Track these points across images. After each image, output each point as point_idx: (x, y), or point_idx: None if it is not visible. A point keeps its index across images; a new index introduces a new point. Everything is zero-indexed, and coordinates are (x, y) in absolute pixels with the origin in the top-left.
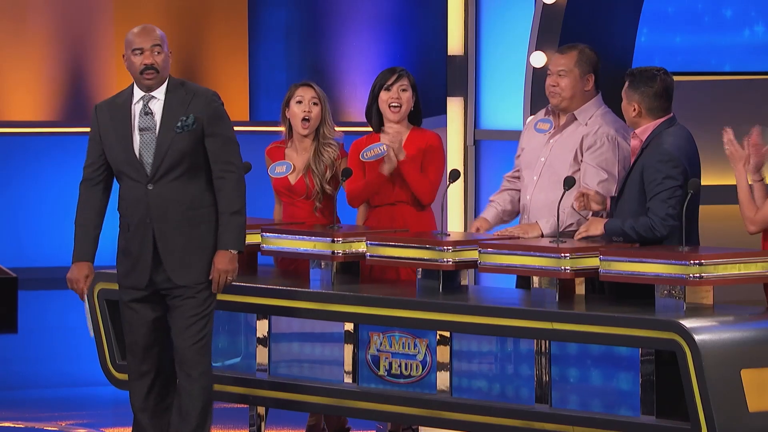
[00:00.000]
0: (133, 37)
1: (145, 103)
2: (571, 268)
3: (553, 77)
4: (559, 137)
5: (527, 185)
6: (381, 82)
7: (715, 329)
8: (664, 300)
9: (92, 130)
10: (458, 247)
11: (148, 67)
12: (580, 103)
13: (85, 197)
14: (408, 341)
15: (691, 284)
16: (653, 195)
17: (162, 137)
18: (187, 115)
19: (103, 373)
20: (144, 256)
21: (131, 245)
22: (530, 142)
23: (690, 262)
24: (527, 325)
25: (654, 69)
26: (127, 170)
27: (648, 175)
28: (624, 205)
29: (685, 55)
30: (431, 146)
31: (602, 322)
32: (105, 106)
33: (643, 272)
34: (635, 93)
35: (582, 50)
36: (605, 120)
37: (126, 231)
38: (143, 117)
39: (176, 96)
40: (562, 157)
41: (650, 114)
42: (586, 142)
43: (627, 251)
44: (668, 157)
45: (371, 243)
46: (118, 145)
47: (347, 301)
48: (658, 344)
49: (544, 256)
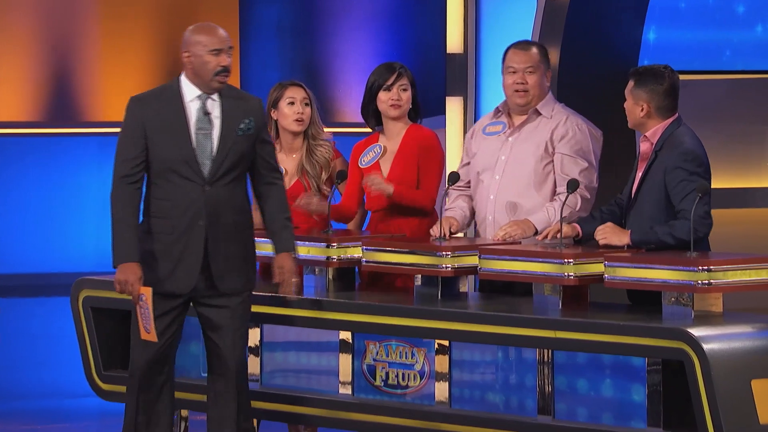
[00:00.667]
0: (208, 36)
1: (203, 103)
2: (575, 275)
3: (519, 75)
4: (519, 135)
5: (488, 186)
6: (380, 81)
7: (724, 338)
8: (672, 307)
9: (132, 124)
10: (457, 253)
11: (225, 69)
12: (541, 99)
13: (126, 194)
14: (405, 350)
15: (699, 291)
16: (684, 195)
17: (224, 139)
18: (249, 118)
19: (89, 383)
20: (190, 260)
21: (173, 248)
22: (482, 146)
23: (698, 268)
24: (529, 333)
25: (660, 67)
26: (182, 169)
27: (674, 177)
28: (641, 212)
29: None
30: (429, 145)
31: (607, 331)
32: (149, 101)
33: (650, 278)
34: (643, 92)
35: (540, 46)
36: (568, 111)
37: (167, 233)
38: (201, 117)
39: (231, 98)
40: (526, 153)
41: (659, 113)
42: (557, 132)
43: (633, 257)
44: (692, 155)
45: (367, 248)
46: (172, 143)
47: (342, 308)
48: (666, 353)
49: (547, 261)
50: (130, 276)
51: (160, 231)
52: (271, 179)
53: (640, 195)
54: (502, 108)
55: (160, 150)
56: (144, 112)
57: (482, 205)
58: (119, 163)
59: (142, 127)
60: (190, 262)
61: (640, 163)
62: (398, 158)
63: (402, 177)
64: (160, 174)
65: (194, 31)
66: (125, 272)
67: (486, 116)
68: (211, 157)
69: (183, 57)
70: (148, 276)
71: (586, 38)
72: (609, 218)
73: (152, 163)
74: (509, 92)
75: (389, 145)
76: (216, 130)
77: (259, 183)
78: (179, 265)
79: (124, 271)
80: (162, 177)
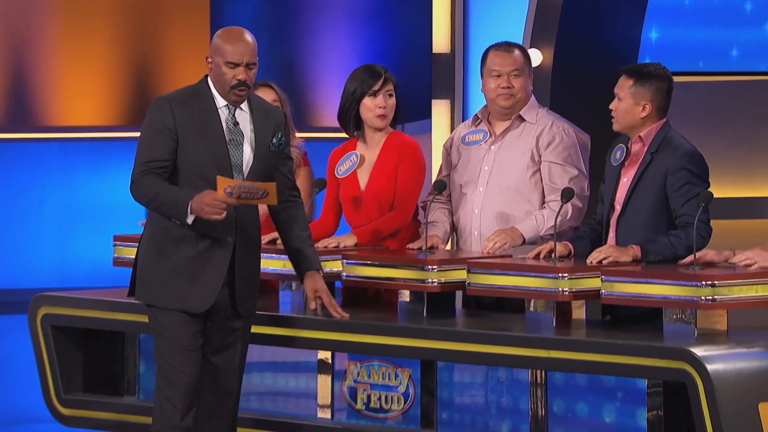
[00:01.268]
0: (229, 46)
1: (231, 113)
2: (569, 290)
3: (504, 78)
4: (502, 143)
5: (471, 199)
6: (364, 87)
7: (729, 358)
8: (673, 325)
9: (161, 124)
10: (444, 267)
11: (242, 84)
12: (524, 104)
13: (151, 178)
14: (389, 371)
15: (702, 308)
16: (687, 200)
17: (257, 152)
18: (279, 133)
19: (47, 408)
20: (211, 277)
21: (194, 264)
22: (462, 157)
23: (702, 283)
24: (521, 353)
25: (656, 65)
26: (213, 179)
27: (678, 178)
28: (633, 220)
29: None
30: (410, 155)
31: (604, 350)
32: (180, 103)
33: (650, 294)
34: (647, 91)
35: (522, 48)
36: (553, 116)
37: (189, 245)
38: (232, 127)
39: (258, 110)
40: (511, 161)
41: (658, 114)
42: (543, 139)
43: (632, 271)
44: (697, 157)
45: (347, 262)
46: (207, 150)
47: (321, 326)
48: (667, 374)
49: (540, 276)
50: (204, 198)
51: (180, 245)
52: (293, 197)
53: (633, 200)
54: (482, 115)
55: (192, 154)
56: (176, 112)
57: (466, 219)
58: (142, 164)
59: (173, 128)
60: (211, 279)
61: (627, 166)
62: (377, 168)
63: (380, 188)
64: (188, 180)
65: (220, 36)
66: (199, 203)
67: (463, 125)
68: (242, 169)
69: (206, 60)
70: (159, 291)
71: (581, 37)
72: (594, 237)
73: (181, 167)
74: (492, 96)
75: (367, 153)
76: (247, 143)
77: (280, 200)
78: (197, 281)
79: (198, 204)
80: (190, 183)
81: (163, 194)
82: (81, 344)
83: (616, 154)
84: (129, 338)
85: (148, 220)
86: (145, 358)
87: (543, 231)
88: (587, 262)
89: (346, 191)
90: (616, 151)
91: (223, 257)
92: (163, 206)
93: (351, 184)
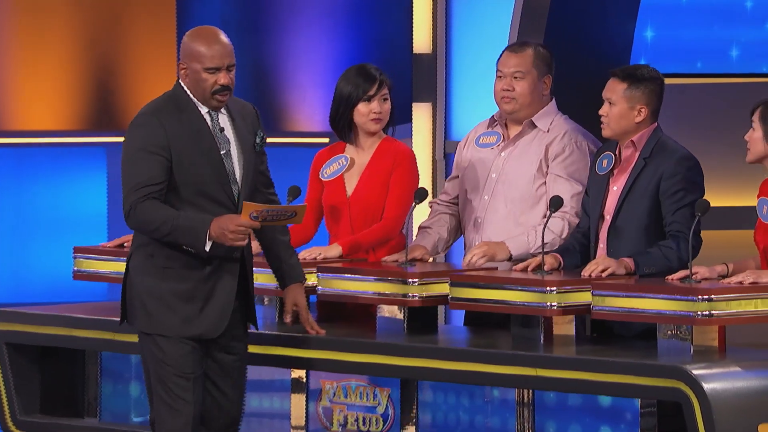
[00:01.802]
0: (206, 50)
1: (215, 119)
2: (558, 305)
3: (507, 80)
4: (513, 149)
5: (476, 207)
6: (359, 93)
7: (727, 376)
8: (668, 342)
9: (152, 144)
10: (426, 280)
11: (225, 88)
12: (537, 109)
13: (154, 204)
14: (366, 391)
15: (699, 323)
16: (680, 207)
17: (245, 156)
18: (258, 130)
19: (2, 431)
20: (221, 298)
21: (200, 287)
22: (473, 159)
23: (698, 297)
24: (507, 371)
25: (647, 66)
26: (216, 194)
27: (673, 184)
28: (623, 229)
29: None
30: (403, 163)
31: (595, 368)
32: (168, 117)
33: (643, 309)
34: (642, 94)
35: (536, 48)
36: (569, 125)
37: (196, 269)
38: (218, 134)
39: (235, 110)
40: (519, 171)
41: (652, 118)
42: (553, 150)
43: (624, 284)
44: (693, 162)
45: (322, 275)
46: (205, 164)
47: (295, 343)
48: (661, 394)
49: (526, 290)
50: (227, 224)
51: (185, 267)
52: (271, 196)
53: (625, 209)
54: (498, 118)
55: (190, 171)
56: (167, 127)
57: (469, 229)
58: (135, 189)
59: (167, 146)
60: (222, 300)
61: (617, 174)
62: (367, 174)
63: (368, 196)
64: (187, 200)
65: (193, 39)
66: (221, 230)
67: (482, 124)
68: (235, 177)
69: (179, 67)
70: (166, 318)
71: (571, 37)
72: (582, 250)
73: (180, 187)
74: (497, 99)
75: (357, 157)
76: (234, 148)
77: (256, 201)
78: (208, 304)
79: (219, 230)
80: (190, 203)
81: (171, 221)
82: (38, 363)
83: (603, 163)
84: (90, 356)
85: (141, 242)
86: (108, 378)
87: (533, 248)
88: (582, 274)
89: (330, 195)
90: (603, 159)
91: (232, 275)
92: (173, 234)
93: (336, 188)
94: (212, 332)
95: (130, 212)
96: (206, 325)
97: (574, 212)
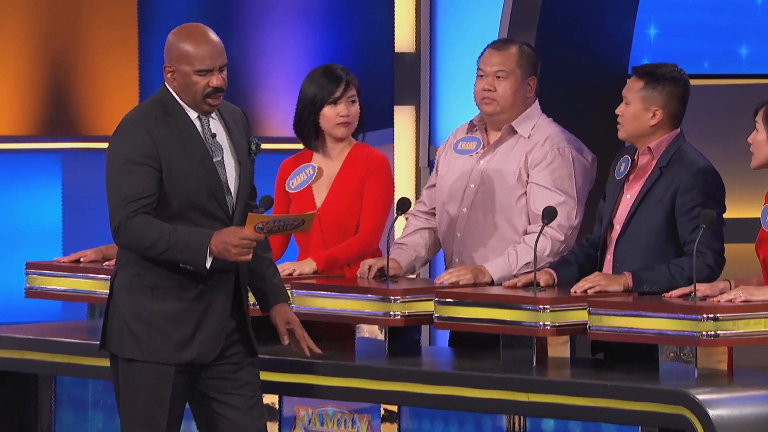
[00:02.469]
0: (195, 51)
1: (206, 125)
2: (552, 324)
3: (488, 80)
4: (492, 157)
5: (453, 221)
6: (324, 95)
7: (734, 402)
8: (670, 364)
9: (140, 153)
10: (409, 297)
11: (218, 90)
12: (519, 113)
13: (146, 219)
14: (345, 418)
15: (704, 344)
16: (698, 225)
17: (240, 164)
18: (251, 136)
19: None
20: (215, 318)
21: (195, 307)
22: (451, 167)
23: (703, 316)
24: (497, 396)
25: (672, 66)
26: (208, 205)
27: (689, 199)
28: (635, 242)
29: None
30: (377, 171)
31: (591, 393)
32: (157, 124)
33: (644, 329)
34: (659, 95)
35: (522, 47)
36: (552, 130)
37: (187, 288)
38: (210, 140)
39: (226, 114)
40: (499, 181)
41: (670, 123)
42: (533, 157)
43: (622, 302)
44: (713, 175)
45: (297, 292)
46: (198, 174)
47: (266, 366)
48: (663, 420)
49: (518, 308)
50: (229, 238)
51: (177, 286)
52: (252, 207)
53: (636, 220)
54: (478, 122)
55: (182, 182)
56: (156, 135)
57: (448, 243)
58: (124, 204)
59: (156, 155)
60: (216, 321)
61: (632, 181)
62: (337, 184)
63: (339, 207)
64: (178, 214)
65: (179, 39)
66: (223, 244)
67: (461, 128)
68: (231, 187)
69: (165, 70)
70: (158, 345)
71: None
72: (585, 262)
73: (171, 199)
74: (477, 100)
75: (326, 166)
76: (228, 155)
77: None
78: (202, 326)
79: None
80: (181, 217)
81: (167, 237)
82: None
83: (621, 167)
84: (43, 381)
85: (127, 260)
86: (64, 405)
87: (517, 269)
88: (571, 291)
89: (298, 208)
90: (621, 163)
91: (227, 292)
92: (169, 251)
93: (305, 200)
94: (205, 357)
95: (119, 229)
96: (199, 349)
97: (557, 225)
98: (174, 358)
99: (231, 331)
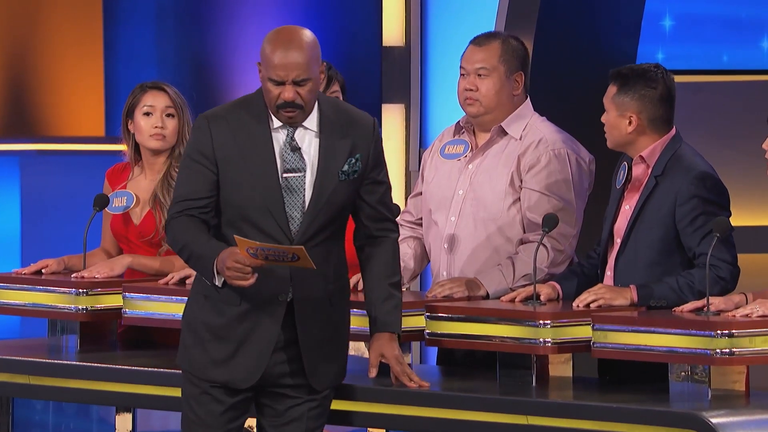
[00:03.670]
0: (273, 57)
1: (290, 135)
2: (553, 341)
3: (470, 79)
4: (482, 161)
5: (441, 230)
6: None
7: (750, 426)
8: (682, 384)
9: (197, 151)
10: None
11: (288, 104)
12: (507, 113)
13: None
14: None
15: (718, 363)
16: (705, 234)
17: (321, 185)
18: (354, 155)
19: None
20: (259, 343)
21: (235, 326)
22: (438, 172)
23: (717, 332)
24: (493, 419)
25: (650, 66)
26: (263, 221)
27: (689, 208)
28: (634, 257)
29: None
30: None
31: (596, 415)
32: (223, 122)
33: (653, 347)
34: (631, 100)
35: (506, 40)
36: (546, 130)
37: (232, 303)
38: (290, 153)
39: (332, 124)
40: (489, 186)
41: (651, 128)
42: (526, 161)
43: (630, 317)
44: (712, 180)
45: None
46: (253, 188)
47: None
48: None
49: (516, 323)
50: (225, 260)
51: (222, 300)
52: (379, 232)
53: (635, 235)
54: (465, 123)
55: (236, 193)
56: (215, 133)
57: (436, 254)
58: (176, 203)
59: (212, 155)
60: (259, 346)
61: (630, 191)
62: None
63: None
64: (231, 223)
65: (267, 37)
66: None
67: (448, 130)
68: (302, 209)
69: (258, 66)
70: (198, 357)
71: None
72: (593, 275)
73: (225, 207)
74: (460, 101)
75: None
76: (309, 173)
77: (362, 236)
78: (242, 348)
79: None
80: (235, 227)
81: (190, 246)
82: None
83: (619, 174)
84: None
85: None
86: (21, 428)
87: (513, 283)
88: (573, 305)
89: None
90: (620, 170)
91: (275, 319)
92: (191, 261)
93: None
94: (242, 382)
95: (166, 227)
96: (236, 372)
97: (556, 234)
98: (206, 374)
99: (281, 362)
